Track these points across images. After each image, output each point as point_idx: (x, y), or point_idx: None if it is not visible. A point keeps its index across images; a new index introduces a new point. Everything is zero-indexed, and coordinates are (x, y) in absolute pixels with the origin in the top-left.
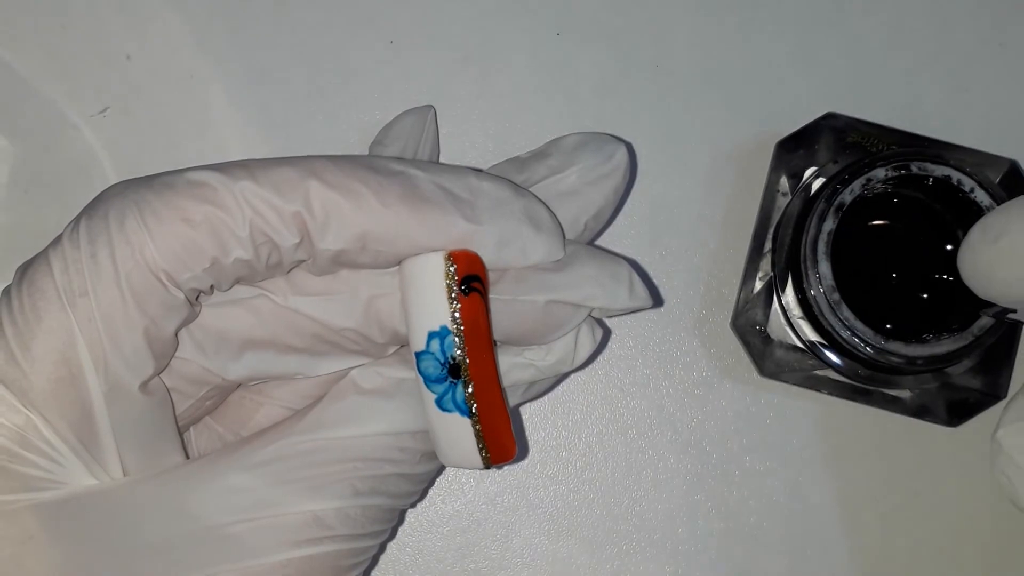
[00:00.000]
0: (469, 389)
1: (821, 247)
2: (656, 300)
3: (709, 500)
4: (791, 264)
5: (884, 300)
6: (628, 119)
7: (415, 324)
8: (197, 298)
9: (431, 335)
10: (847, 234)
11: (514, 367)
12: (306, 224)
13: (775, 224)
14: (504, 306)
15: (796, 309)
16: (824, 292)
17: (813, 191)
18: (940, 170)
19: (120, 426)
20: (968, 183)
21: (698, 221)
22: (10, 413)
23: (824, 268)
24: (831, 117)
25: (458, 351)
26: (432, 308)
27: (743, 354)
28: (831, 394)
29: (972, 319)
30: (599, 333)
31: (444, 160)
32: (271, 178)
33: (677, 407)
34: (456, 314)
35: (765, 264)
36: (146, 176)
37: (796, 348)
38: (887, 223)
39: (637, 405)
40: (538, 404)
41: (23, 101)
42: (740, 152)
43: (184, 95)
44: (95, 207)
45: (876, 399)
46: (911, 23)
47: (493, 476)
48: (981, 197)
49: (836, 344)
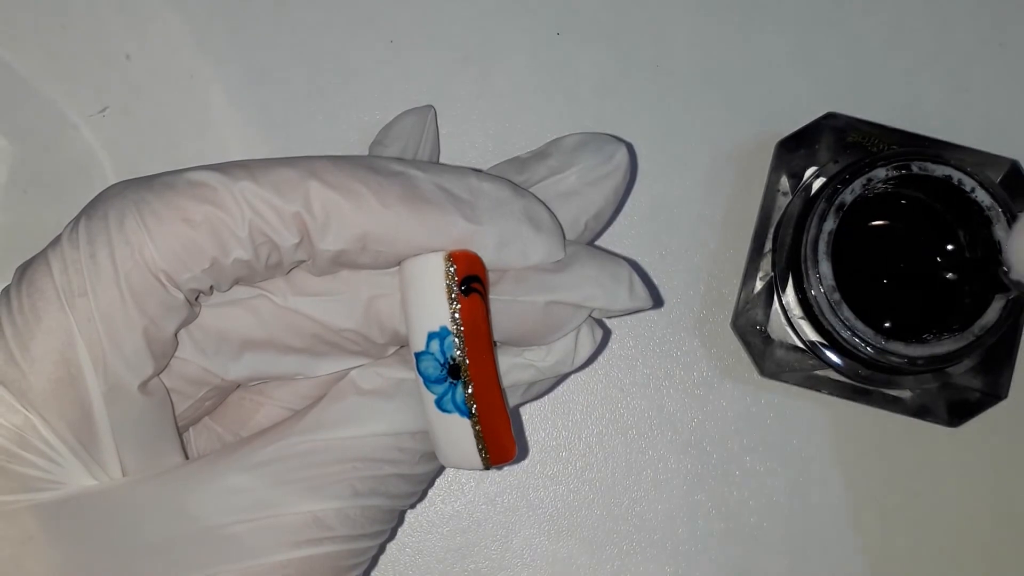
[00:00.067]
0: (469, 390)
1: (822, 247)
2: (656, 300)
3: (709, 500)
4: (791, 264)
5: (884, 300)
6: (628, 119)
7: (415, 324)
8: (197, 298)
9: (431, 336)
10: (848, 234)
11: (514, 368)
12: (306, 224)
13: (775, 224)
14: (504, 307)
15: (796, 309)
16: (824, 292)
17: (814, 191)
18: (941, 170)
19: (119, 426)
20: (969, 183)
21: (698, 221)
22: (9, 413)
23: (825, 268)
24: (831, 117)
25: (458, 352)
26: (432, 309)
27: (743, 354)
28: (831, 394)
29: (973, 319)
30: (599, 334)
31: (444, 160)
32: (271, 178)
33: (677, 407)
34: (456, 315)
35: (765, 264)
36: (146, 176)
37: (796, 348)
38: (888, 223)
39: (637, 405)
40: (538, 404)
41: (23, 101)
42: (740, 152)
43: (184, 95)
44: (94, 207)
45: (876, 399)
46: (911, 23)
47: (493, 476)
48: (982, 197)
49: (836, 344)
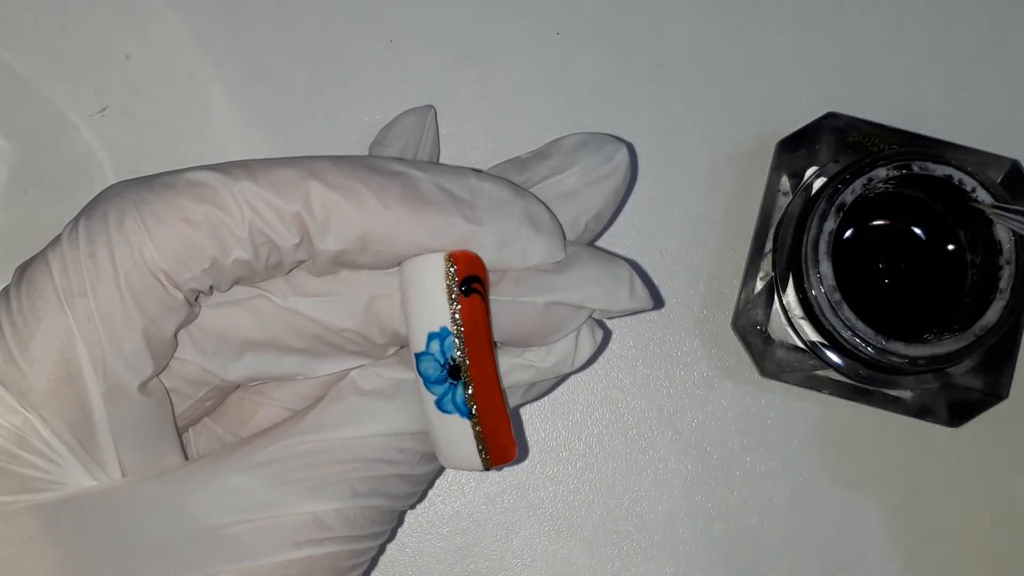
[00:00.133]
0: (469, 390)
1: (822, 247)
2: (657, 301)
3: (709, 501)
4: (792, 264)
5: (885, 300)
6: (628, 119)
7: (415, 325)
8: (196, 299)
9: (431, 336)
10: (848, 234)
11: (514, 368)
12: (306, 224)
13: (776, 224)
14: (504, 307)
15: (797, 309)
16: (825, 292)
17: (814, 191)
18: (941, 170)
19: (119, 427)
20: (970, 183)
21: (698, 221)
22: (8, 414)
23: (825, 268)
24: (832, 117)
25: (458, 352)
26: (432, 309)
27: (744, 354)
28: (832, 394)
29: (973, 319)
30: (599, 334)
31: (444, 160)
32: (271, 178)
33: (677, 407)
34: (456, 315)
35: (766, 264)
36: (145, 176)
37: (797, 348)
38: (888, 223)
39: (637, 406)
40: (538, 405)
41: (23, 101)
42: (740, 152)
43: (184, 95)
44: (94, 207)
45: (877, 399)
46: (911, 23)
47: (493, 477)
48: (983, 197)
49: (837, 344)
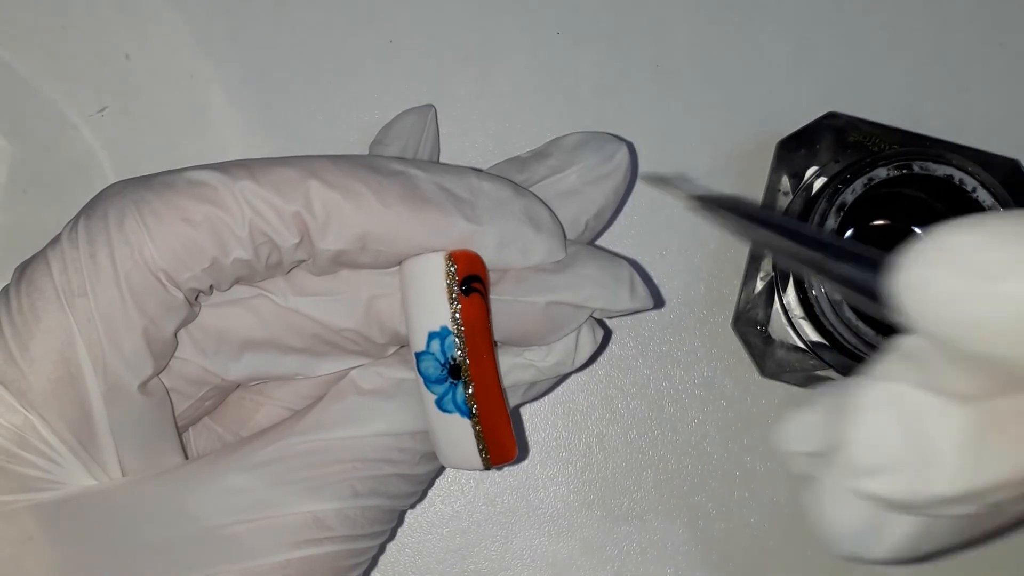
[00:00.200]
0: (469, 390)
1: None
2: (657, 301)
3: (710, 501)
4: None
5: None
6: (628, 119)
7: (415, 324)
8: (196, 298)
9: (431, 335)
10: (848, 234)
11: (514, 368)
12: (306, 224)
13: None
14: (505, 307)
15: (797, 309)
16: (825, 292)
17: (814, 191)
18: (942, 170)
19: (119, 426)
20: (970, 183)
21: (698, 221)
22: (9, 413)
23: None
24: (832, 116)
25: (458, 352)
26: (432, 308)
27: (744, 354)
28: None
29: None
30: (600, 334)
31: (444, 160)
32: (271, 178)
33: (678, 408)
34: (456, 315)
35: (766, 264)
36: (145, 175)
37: (797, 348)
38: (889, 223)
39: (637, 406)
40: (538, 404)
41: (23, 101)
42: (740, 152)
43: (184, 95)
44: (94, 207)
45: None
46: (911, 23)
47: (493, 477)
48: (983, 197)
49: (837, 344)
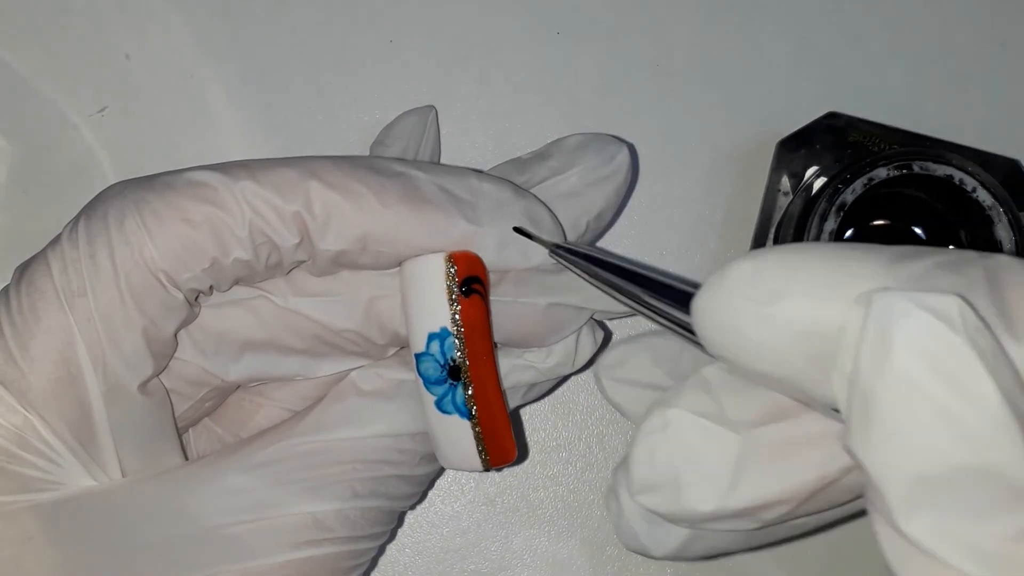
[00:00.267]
0: (469, 391)
1: None
2: None
3: None
4: None
5: None
6: (628, 119)
7: (415, 325)
8: (196, 299)
9: (431, 336)
10: (849, 234)
11: (514, 369)
12: (306, 224)
13: (776, 224)
14: (505, 308)
15: None
16: None
17: (814, 191)
18: (942, 169)
19: (119, 427)
20: (970, 183)
21: (698, 221)
22: (8, 414)
23: None
24: (832, 116)
25: (458, 353)
26: (432, 309)
27: None
28: None
29: None
30: (600, 335)
31: (444, 160)
32: (271, 178)
33: None
34: (456, 316)
35: None
36: (146, 176)
37: None
38: (889, 223)
39: None
40: (538, 405)
41: (23, 101)
42: (740, 152)
43: (184, 95)
44: (94, 207)
45: None
46: (911, 23)
47: (493, 477)
48: (983, 197)
49: None
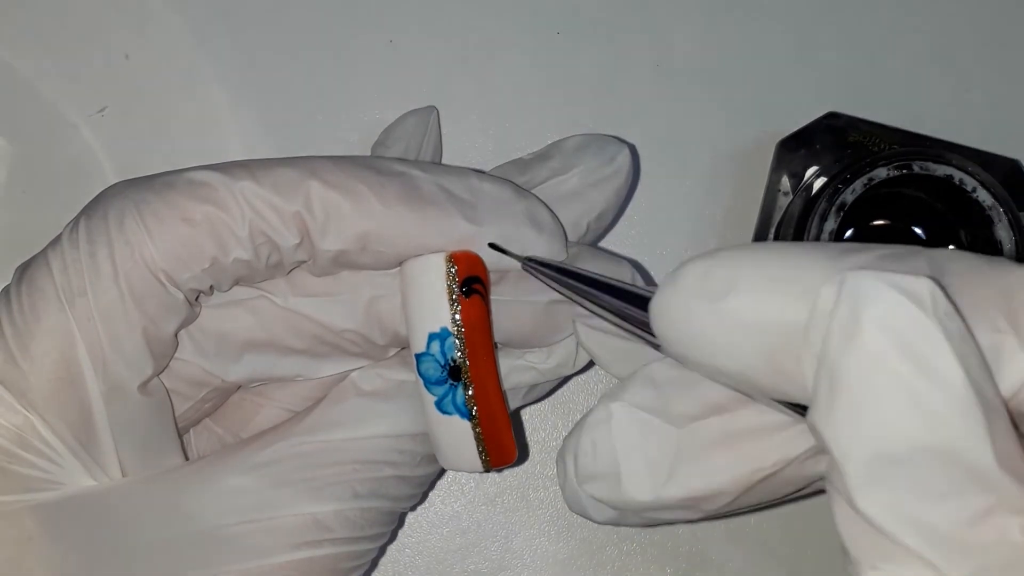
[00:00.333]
0: (469, 391)
1: None
2: None
3: None
4: None
5: None
6: (628, 119)
7: (415, 326)
8: (197, 298)
9: (431, 337)
10: (849, 234)
11: (515, 370)
12: (306, 224)
13: (776, 224)
14: (505, 308)
15: None
16: None
17: (814, 191)
18: (942, 169)
19: (119, 427)
20: (970, 183)
21: (698, 221)
22: (9, 414)
23: None
24: (832, 116)
25: (458, 353)
26: (432, 310)
27: None
28: None
29: None
30: None
31: (444, 160)
32: (271, 178)
33: None
34: (456, 316)
35: None
36: (146, 176)
37: None
38: (889, 223)
39: None
40: (538, 405)
41: (23, 101)
42: (740, 152)
43: (184, 95)
44: (94, 207)
45: None
46: (911, 23)
47: (493, 477)
48: (983, 197)
49: None
